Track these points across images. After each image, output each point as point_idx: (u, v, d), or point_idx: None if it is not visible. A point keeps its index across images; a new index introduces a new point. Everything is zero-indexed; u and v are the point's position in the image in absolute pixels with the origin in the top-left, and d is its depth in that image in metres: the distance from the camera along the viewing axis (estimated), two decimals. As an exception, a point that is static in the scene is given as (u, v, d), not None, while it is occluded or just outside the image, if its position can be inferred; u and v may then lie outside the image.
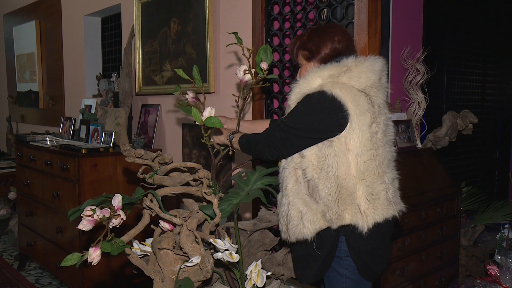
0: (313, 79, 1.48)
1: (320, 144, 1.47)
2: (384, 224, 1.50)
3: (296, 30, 2.31)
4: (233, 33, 1.72)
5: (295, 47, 1.63)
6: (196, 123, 1.67)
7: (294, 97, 1.52)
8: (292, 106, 1.52)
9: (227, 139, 1.74)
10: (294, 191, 1.52)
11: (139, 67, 3.32)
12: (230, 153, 1.76)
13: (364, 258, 1.51)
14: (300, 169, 1.51)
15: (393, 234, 1.81)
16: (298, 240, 1.52)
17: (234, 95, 1.85)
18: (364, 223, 1.46)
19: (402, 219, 1.98)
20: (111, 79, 3.57)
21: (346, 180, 1.45)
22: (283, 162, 1.58)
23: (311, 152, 1.48)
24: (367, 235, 1.47)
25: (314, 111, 1.45)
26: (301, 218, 1.49)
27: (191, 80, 1.74)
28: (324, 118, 1.44)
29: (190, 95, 1.74)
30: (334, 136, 1.45)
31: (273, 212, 1.84)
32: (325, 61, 1.56)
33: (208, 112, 1.71)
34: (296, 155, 1.52)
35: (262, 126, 1.86)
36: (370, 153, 1.46)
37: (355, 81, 1.46)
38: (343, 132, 1.44)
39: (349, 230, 1.49)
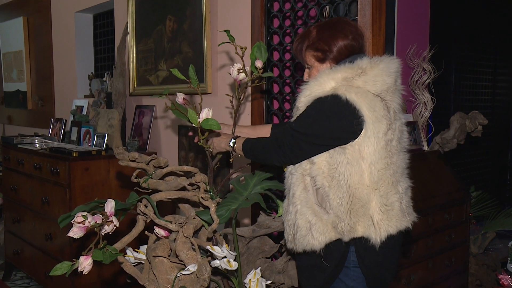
0: (325, 82, 1.45)
1: (331, 150, 1.45)
2: (396, 236, 1.50)
3: (297, 28, 2.33)
4: (225, 31, 1.74)
5: (303, 47, 1.58)
6: (193, 125, 1.69)
7: (304, 99, 1.49)
8: (301, 109, 1.49)
9: (229, 145, 1.72)
10: (302, 199, 1.50)
11: (133, 67, 3.34)
12: (230, 160, 1.75)
13: (374, 270, 1.51)
14: (309, 176, 1.49)
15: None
16: (305, 250, 1.51)
17: (228, 95, 1.87)
18: (377, 236, 1.45)
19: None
20: (104, 79, 3.59)
21: (358, 189, 1.43)
22: (289, 168, 1.57)
23: (321, 159, 1.46)
24: (378, 246, 1.46)
25: (326, 117, 1.43)
26: (310, 228, 1.47)
27: (187, 80, 1.75)
28: (338, 124, 1.42)
29: (179, 98, 1.75)
30: (347, 143, 1.43)
31: (273, 218, 1.86)
32: (339, 60, 1.52)
33: (205, 113, 1.73)
34: (305, 161, 1.50)
35: (263, 131, 1.86)
36: (385, 162, 1.45)
37: (370, 85, 1.44)
38: (357, 139, 1.42)
39: (360, 241, 1.48)
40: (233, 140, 1.72)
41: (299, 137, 1.47)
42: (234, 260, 1.59)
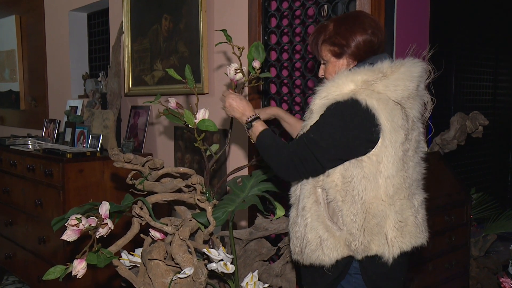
0: (344, 83, 1.38)
1: (346, 163, 1.39)
2: (409, 252, 1.45)
3: (295, 28, 2.34)
4: (221, 30, 1.74)
5: (319, 41, 1.51)
6: (189, 126, 1.69)
7: (320, 102, 1.41)
8: (316, 112, 1.42)
9: (246, 122, 1.59)
10: (313, 212, 1.45)
11: (128, 66, 3.35)
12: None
13: (378, 282, 1.47)
14: (321, 188, 1.44)
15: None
16: (312, 265, 1.47)
17: (224, 96, 1.86)
18: (390, 254, 1.41)
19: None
20: (99, 79, 3.59)
21: (373, 205, 1.38)
22: None
23: (335, 171, 1.41)
24: (390, 264, 1.42)
25: (347, 125, 1.35)
26: (321, 244, 1.43)
27: (183, 80, 1.76)
28: (359, 133, 1.35)
29: (172, 103, 1.75)
30: (365, 154, 1.37)
31: (271, 220, 1.86)
32: (358, 57, 1.46)
33: (202, 114, 1.73)
34: None
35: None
36: (401, 175, 1.40)
37: (391, 90, 1.37)
38: (374, 150, 1.37)
39: (371, 258, 1.43)
40: (252, 121, 1.58)
41: (321, 151, 1.38)
42: (231, 263, 1.59)
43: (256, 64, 1.71)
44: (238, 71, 1.73)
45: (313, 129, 1.42)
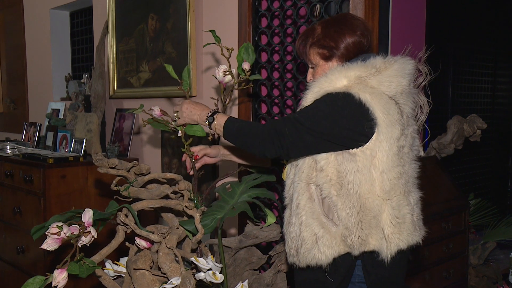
0: (337, 79, 1.42)
1: (339, 157, 1.43)
2: (405, 250, 1.49)
3: (286, 28, 2.37)
4: (210, 31, 1.76)
5: (307, 44, 1.55)
6: (176, 131, 1.70)
7: (311, 96, 1.45)
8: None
9: (205, 120, 1.60)
10: (308, 209, 1.47)
11: (113, 68, 3.35)
12: (210, 138, 1.67)
13: (380, 287, 1.49)
14: (314, 184, 1.47)
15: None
16: (309, 265, 1.48)
17: (212, 98, 1.88)
18: (388, 250, 1.44)
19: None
20: (82, 81, 3.59)
21: (369, 199, 1.41)
22: (291, 176, 1.55)
23: (330, 166, 1.44)
24: (388, 262, 1.45)
25: (337, 114, 1.40)
26: (316, 241, 1.45)
27: (179, 80, 1.76)
28: (348, 124, 1.39)
29: (156, 111, 1.76)
30: (357, 147, 1.41)
31: (261, 228, 1.88)
32: (347, 59, 1.50)
33: (190, 118, 1.74)
34: (311, 169, 1.47)
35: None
36: (397, 170, 1.44)
37: (385, 86, 1.42)
38: (368, 144, 1.40)
39: (369, 255, 1.47)
40: (212, 114, 1.59)
41: (304, 130, 1.41)
42: (220, 273, 1.61)
43: (246, 66, 1.73)
44: (227, 73, 1.75)
45: (300, 111, 1.45)
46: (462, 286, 2.67)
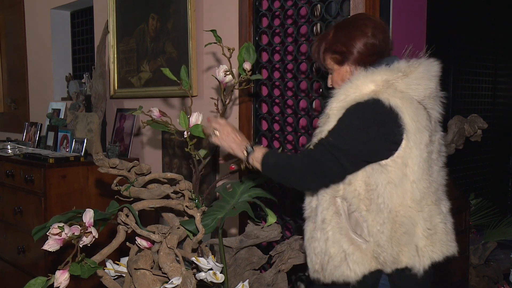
0: (363, 84, 1.38)
1: (368, 169, 1.38)
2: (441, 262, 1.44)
3: (287, 28, 2.37)
4: (211, 30, 1.76)
5: (321, 50, 1.53)
6: (181, 131, 1.70)
7: (337, 105, 1.40)
8: (333, 116, 1.41)
9: (244, 152, 1.54)
10: (335, 225, 1.41)
11: (114, 68, 3.35)
12: (242, 167, 1.63)
13: None
14: (341, 197, 1.41)
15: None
16: (336, 282, 1.43)
17: (212, 98, 1.88)
18: (420, 265, 1.38)
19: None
20: (83, 81, 3.59)
21: (400, 212, 1.36)
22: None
23: (358, 178, 1.39)
24: (421, 276, 1.39)
25: (368, 125, 1.34)
26: (346, 258, 1.39)
27: (178, 81, 1.77)
28: (381, 133, 1.34)
29: (155, 113, 1.76)
30: (388, 158, 1.36)
31: (262, 228, 1.88)
32: (361, 61, 1.47)
33: (195, 118, 1.74)
34: None
35: None
36: (426, 178, 1.39)
37: (413, 89, 1.37)
38: (398, 152, 1.35)
39: (401, 270, 1.41)
40: (249, 147, 1.54)
41: (340, 153, 1.36)
42: (220, 272, 1.61)
43: (247, 65, 1.73)
44: (228, 73, 1.75)
45: (331, 133, 1.40)
46: (462, 286, 2.67)
